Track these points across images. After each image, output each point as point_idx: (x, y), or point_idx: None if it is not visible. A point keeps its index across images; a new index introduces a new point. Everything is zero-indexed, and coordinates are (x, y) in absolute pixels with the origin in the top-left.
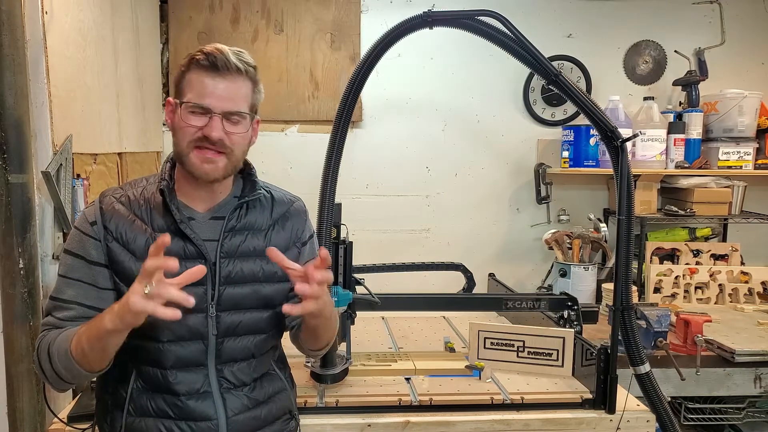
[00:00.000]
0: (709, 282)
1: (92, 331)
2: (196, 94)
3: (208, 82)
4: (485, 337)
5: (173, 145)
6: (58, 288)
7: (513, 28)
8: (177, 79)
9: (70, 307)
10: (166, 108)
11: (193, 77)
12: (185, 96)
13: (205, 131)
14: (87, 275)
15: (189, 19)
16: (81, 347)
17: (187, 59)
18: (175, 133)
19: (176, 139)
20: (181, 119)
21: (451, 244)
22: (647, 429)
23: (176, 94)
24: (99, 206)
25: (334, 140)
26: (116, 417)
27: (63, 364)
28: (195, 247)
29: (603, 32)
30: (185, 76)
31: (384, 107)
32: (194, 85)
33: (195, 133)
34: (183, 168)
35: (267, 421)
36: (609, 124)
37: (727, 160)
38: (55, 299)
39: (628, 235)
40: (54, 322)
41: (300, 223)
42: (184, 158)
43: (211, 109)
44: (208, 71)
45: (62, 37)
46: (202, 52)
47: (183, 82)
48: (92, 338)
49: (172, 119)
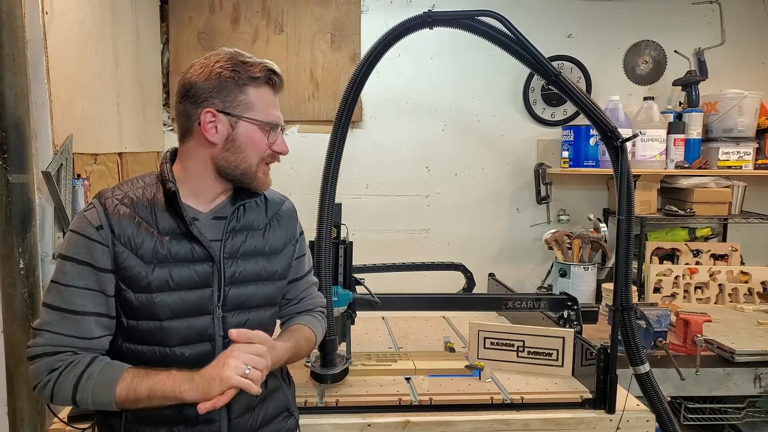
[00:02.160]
0: (709, 282)
1: (160, 389)
2: (266, 113)
3: (272, 99)
4: (485, 337)
5: (234, 161)
6: (64, 298)
7: (513, 28)
8: (226, 89)
9: (83, 319)
10: (203, 118)
11: (262, 94)
12: (254, 113)
13: (279, 148)
14: (96, 282)
15: (189, 20)
16: (136, 394)
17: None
18: (240, 150)
19: (244, 155)
20: (255, 136)
21: (451, 244)
22: (647, 429)
23: (227, 107)
24: (102, 209)
25: (334, 140)
26: (113, 421)
27: (95, 400)
28: (203, 249)
29: (603, 32)
30: (247, 90)
31: (384, 107)
32: (263, 103)
33: (266, 151)
34: (232, 180)
35: (265, 421)
36: (609, 124)
37: (727, 160)
38: (61, 310)
39: (628, 235)
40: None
41: (293, 222)
42: (251, 174)
43: (281, 127)
44: (272, 89)
45: (62, 37)
46: (268, 70)
47: (245, 96)
48: (158, 393)
49: (227, 133)
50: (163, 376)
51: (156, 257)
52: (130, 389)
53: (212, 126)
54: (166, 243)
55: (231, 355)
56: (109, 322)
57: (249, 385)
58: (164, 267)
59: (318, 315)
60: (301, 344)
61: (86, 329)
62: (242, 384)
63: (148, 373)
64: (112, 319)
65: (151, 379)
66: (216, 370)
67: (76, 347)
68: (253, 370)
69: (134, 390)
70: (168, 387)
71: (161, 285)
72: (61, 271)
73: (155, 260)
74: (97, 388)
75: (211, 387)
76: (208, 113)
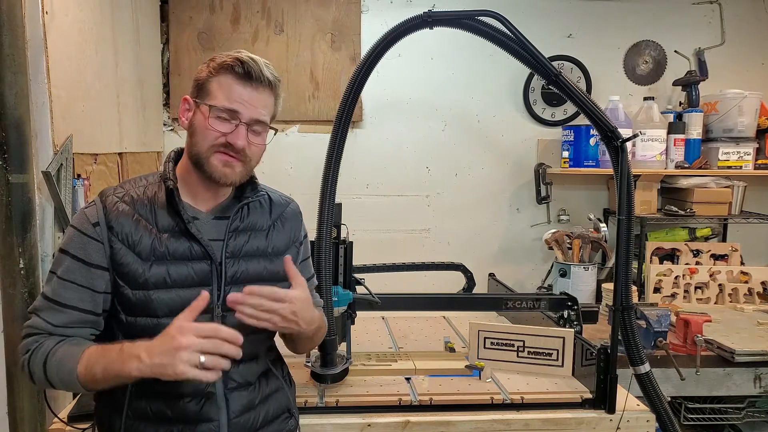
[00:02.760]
0: (709, 282)
1: (112, 369)
2: (225, 99)
3: (239, 89)
4: (485, 337)
5: (190, 144)
6: (54, 290)
7: (513, 28)
8: (201, 79)
9: (64, 311)
10: (181, 105)
11: (222, 82)
12: (211, 99)
13: (230, 138)
14: (85, 278)
15: (189, 20)
16: (93, 376)
17: (216, 63)
18: (194, 134)
19: (195, 139)
20: (205, 121)
21: (451, 244)
22: (647, 429)
23: (197, 95)
24: (102, 206)
25: (335, 140)
26: (114, 420)
27: (62, 380)
28: (201, 248)
29: (603, 32)
30: (212, 79)
31: (384, 107)
32: (223, 90)
33: (218, 138)
34: (198, 169)
35: (266, 421)
36: (609, 124)
37: (727, 160)
38: (50, 299)
39: (628, 235)
40: (46, 327)
41: (297, 224)
42: (203, 160)
43: (239, 116)
44: (240, 79)
45: (62, 37)
46: (238, 60)
47: (209, 85)
48: (110, 375)
49: (190, 119)
50: (114, 356)
51: (154, 254)
52: (87, 370)
53: (184, 113)
54: (165, 241)
55: (181, 343)
56: (93, 319)
57: (204, 376)
58: (162, 264)
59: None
60: (321, 326)
61: (67, 321)
62: (198, 377)
63: (103, 352)
64: (98, 316)
65: (104, 358)
66: (167, 356)
67: (53, 334)
68: (209, 358)
69: (90, 371)
70: (117, 368)
71: (158, 282)
72: (56, 262)
73: (153, 257)
74: (61, 365)
75: (164, 372)
76: (185, 101)
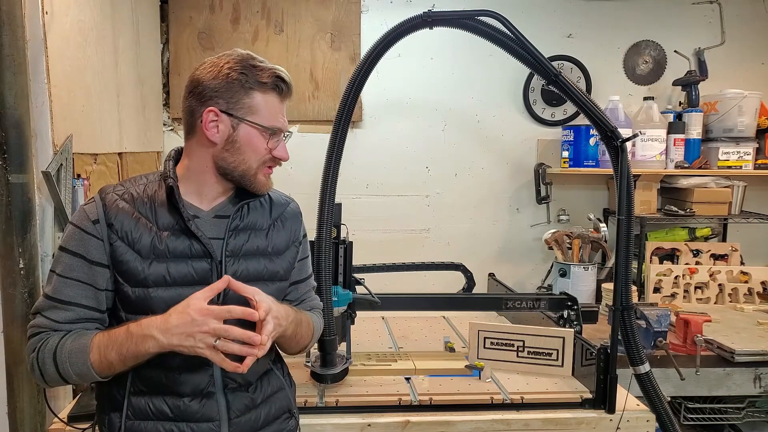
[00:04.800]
0: (709, 282)
1: (128, 351)
2: (272, 118)
3: (278, 106)
4: (485, 336)
5: (234, 161)
6: (55, 288)
7: (513, 28)
8: (231, 90)
9: (69, 309)
10: (205, 116)
11: (268, 99)
12: (258, 118)
13: (279, 154)
14: (86, 275)
15: (189, 19)
16: (109, 362)
17: (257, 79)
18: (240, 152)
19: (243, 157)
20: (255, 140)
21: (451, 244)
22: (647, 429)
23: (232, 107)
24: (102, 203)
25: (334, 140)
26: (114, 419)
27: (76, 372)
28: (201, 246)
29: (603, 32)
30: (254, 94)
31: (384, 107)
32: (269, 109)
33: (266, 155)
34: (233, 180)
35: (267, 421)
36: (609, 124)
37: (727, 160)
38: (52, 299)
39: (628, 235)
40: (49, 324)
41: (297, 224)
42: (250, 176)
43: (281, 131)
44: (280, 95)
45: (62, 37)
46: (281, 79)
47: (250, 101)
48: (127, 357)
49: (227, 134)
50: (122, 338)
51: (154, 252)
52: (101, 357)
53: (214, 125)
54: (165, 239)
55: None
56: (98, 315)
57: (223, 362)
58: (161, 262)
59: (317, 314)
60: (301, 319)
61: (71, 318)
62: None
63: (111, 337)
64: (102, 313)
65: (114, 343)
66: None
67: (58, 330)
68: (223, 342)
69: (106, 358)
70: (133, 350)
71: (158, 280)
72: (57, 261)
73: (153, 255)
74: (72, 357)
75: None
76: (210, 112)
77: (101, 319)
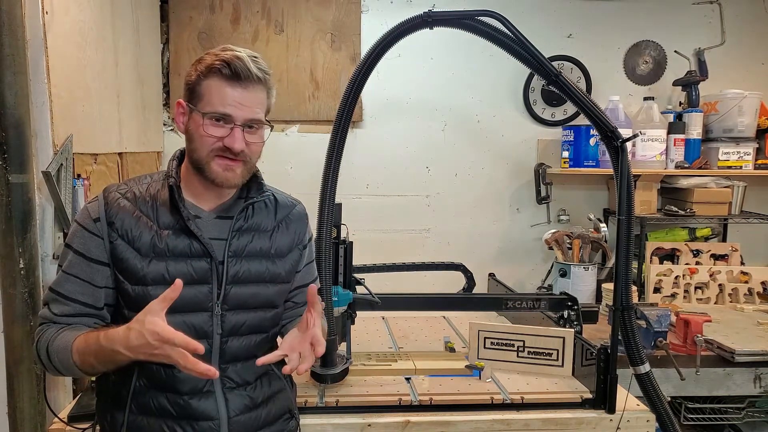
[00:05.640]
0: (709, 282)
1: (104, 358)
2: (218, 103)
3: (229, 91)
4: (485, 337)
5: (190, 150)
6: (58, 281)
7: (513, 28)
8: (192, 82)
9: (68, 303)
10: (176, 109)
11: (211, 85)
12: (204, 105)
13: (228, 143)
14: (85, 272)
15: (189, 19)
16: (89, 362)
17: (204, 65)
18: (192, 140)
19: (194, 145)
20: (200, 128)
21: (451, 244)
22: (647, 429)
23: (190, 99)
24: (103, 202)
25: (334, 140)
26: (117, 415)
27: (64, 366)
28: (201, 245)
29: (603, 32)
30: (202, 82)
31: (384, 107)
32: (214, 94)
33: (215, 143)
34: (199, 173)
35: (267, 421)
36: (609, 124)
37: (727, 160)
38: (54, 291)
39: (628, 235)
40: (50, 317)
41: (302, 227)
42: (204, 166)
43: (233, 119)
44: (228, 80)
45: (62, 37)
46: (223, 60)
47: (200, 88)
48: (107, 363)
49: (186, 123)
50: (95, 347)
51: (153, 251)
52: (82, 359)
53: (180, 117)
54: (165, 237)
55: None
56: (95, 312)
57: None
58: (161, 261)
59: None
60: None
61: (69, 312)
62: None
63: (86, 343)
64: (99, 310)
65: (90, 349)
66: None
67: (57, 323)
68: None
69: (86, 360)
70: (110, 358)
71: (157, 278)
72: (62, 256)
73: (152, 254)
74: (59, 354)
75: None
76: (179, 105)
77: (100, 315)
